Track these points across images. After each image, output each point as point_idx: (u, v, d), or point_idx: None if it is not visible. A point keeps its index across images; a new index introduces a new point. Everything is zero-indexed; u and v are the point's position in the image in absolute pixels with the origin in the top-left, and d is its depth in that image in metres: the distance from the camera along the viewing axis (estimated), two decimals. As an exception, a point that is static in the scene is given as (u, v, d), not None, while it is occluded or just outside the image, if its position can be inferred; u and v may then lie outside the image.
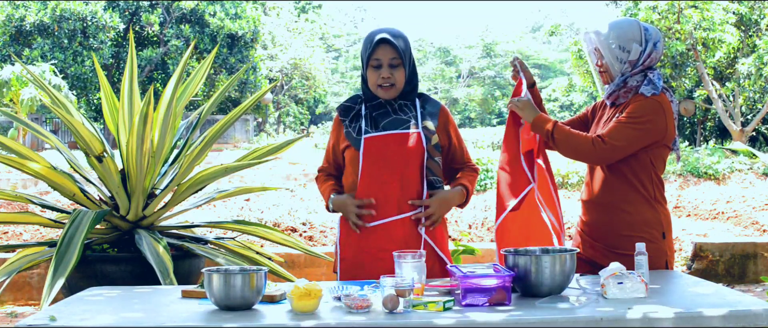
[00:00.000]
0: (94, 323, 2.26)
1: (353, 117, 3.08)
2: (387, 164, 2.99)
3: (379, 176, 2.99)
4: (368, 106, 3.08)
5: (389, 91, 3.03)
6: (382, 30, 3.04)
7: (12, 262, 4.34)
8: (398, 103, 3.08)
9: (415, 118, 3.06)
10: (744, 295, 2.56)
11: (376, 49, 2.99)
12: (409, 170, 3.00)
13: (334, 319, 2.28)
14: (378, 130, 3.02)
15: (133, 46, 4.89)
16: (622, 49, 3.10)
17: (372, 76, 3.02)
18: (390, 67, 3.00)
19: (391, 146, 3.00)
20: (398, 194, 3.00)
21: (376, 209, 2.99)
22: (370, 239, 3.00)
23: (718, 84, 18.50)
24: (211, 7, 23.60)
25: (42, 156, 4.63)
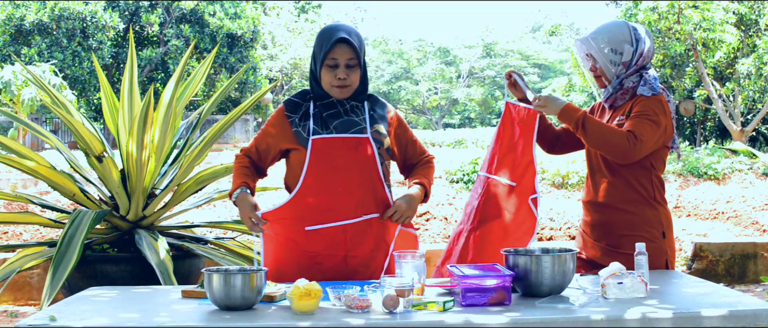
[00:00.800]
0: (94, 323, 2.26)
1: (302, 115, 2.97)
2: (334, 168, 2.89)
3: (326, 180, 2.89)
4: (318, 105, 2.97)
5: (344, 92, 2.95)
6: (339, 27, 2.94)
7: (12, 262, 4.34)
8: (349, 104, 2.99)
9: (365, 121, 2.97)
10: (744, 295, 2.56)
11: (333, 48, 2.89)
12: (358, 174, 2.91)
13: (334, 319, 2.28)
14: (328, 131, 2.92)
15: (133, 46, 4.89)
16: (615, 52, 3.11)
17: (327, 75, 2.93)
18: (347, 67, 2.92)
19: (340, 150, 2.91)
20: (345, 198, 2.90)
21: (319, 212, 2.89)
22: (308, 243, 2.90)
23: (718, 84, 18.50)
24: (211, 7, 23.60)
25: (42, 156, 4.64)
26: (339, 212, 2.91)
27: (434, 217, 8.28)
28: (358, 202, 2.93)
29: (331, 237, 2.91)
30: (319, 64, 2.93)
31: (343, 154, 2.90)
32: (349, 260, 2.93)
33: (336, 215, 2.91)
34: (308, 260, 2.91)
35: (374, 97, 3.07)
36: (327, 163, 2.89)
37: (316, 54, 2.96)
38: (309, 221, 2.91)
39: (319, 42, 2.95)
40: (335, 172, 2.90)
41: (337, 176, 2.90)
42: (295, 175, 2.96)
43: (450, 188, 9.53)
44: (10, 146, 4.57)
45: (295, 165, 2.97)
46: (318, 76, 2.96)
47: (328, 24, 3.01)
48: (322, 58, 2.91)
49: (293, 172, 2.98)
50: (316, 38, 2.98)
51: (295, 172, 2.96)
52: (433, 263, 5.92)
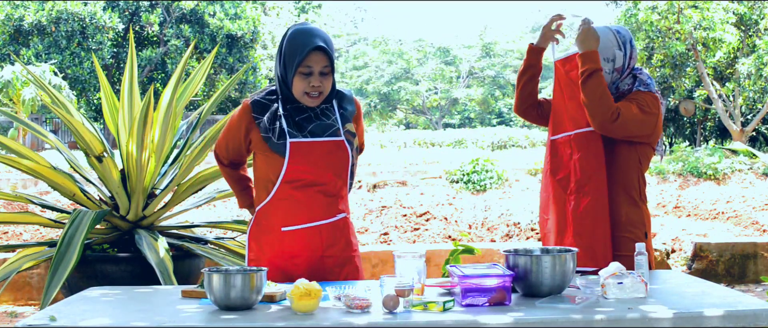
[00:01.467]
0: (94, 323, 2.26)
1: (270, 118, 2.87)
2: (311, 170, 2.86)
3: (303, 182, 2.86)
4: (287, 108, 2.89)
5: (316, 100, 2.86)
6: (313, 32, 2.84)
7: (12, 262, 4.34)
8: (319, 107, 2.91)
9: (337, 121, 2.92)
10: (744, 295, 2.56)
11: (309, 56, 2.80)
12: (333, 175, 2.90)
13: (334, 319, 2.28)
14: (304, 134, 2.85)
15: (133, 46, 4.89)
16: (607, 60, 3.12)
17: (300, 83, 2.82)
18: (320, 75, 2.83)
19: (317, 153, 2.87)
20: (321, 199, 2.89)
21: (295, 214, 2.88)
22: (283, 244, 2.89)
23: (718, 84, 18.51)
24: (211, 7, 23.59)
25: (42, 156, 4.64)
26: (316, 213, 2.89)
27: (434, 217, 8.28)
28: (331, 202, 2.92)
29: (307, 238, 2.90)
30: (291, 71, 2.83)
31: (320, 157, 2.87)
32: (326, 260, 2.92)
33: (313, 215, 2.89)
34: (286, 261, 2.90)
35: (341, 93, 3.00)
36: (304, 166, 2.85)
37: (287, 59, 2.84)
38: (286, 222, 2.89)
39: (292, 48, 2.82)
40: (312, 175, 2.87)
41: (313, 179, 2.87)
42: (264, 177, 2.92)
43: (450, 188, 9.53)
44: (10, 146, 4.57)
45: (264, 167, 2.91)
46: (288, 82, 2.85)
47: (298, 26, 2.88)
48: (296, 65, 2.81)
49: (262, 174, 2.93)
50: (285, 41, 2.85)
51: (265, 174, 2.91)
52: (433, 263, 5.92)
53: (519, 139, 21.81)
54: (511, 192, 9.34)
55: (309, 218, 2.88)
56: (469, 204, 8.71)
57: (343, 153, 2.90)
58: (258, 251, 2.94)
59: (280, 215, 2.88)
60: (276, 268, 2.89)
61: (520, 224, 7.97)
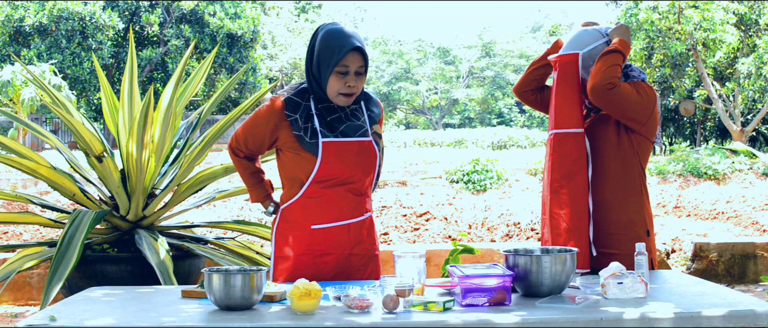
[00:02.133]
0: (94, 323, 2.26)
1: (303, 116, 2.90)
2: (341, 170, 2.90)
3: (332, 182, 2.90)
4: (319, 107, 2.92)
5: (349, 100, 2.90)
6: (349, 33, 2.88)
7: (12, 262, 4.34)
8: (349, 108, 2.95)
9: (366, 122, 2.97)
10: (744, 295, 2.57)
11: (346, 56, 2.83)
12: (362, 175, 2.95)
13: (334, 319, 2.28)
14: (335, 134, 2.89)
15: (133, 46, 4.89)
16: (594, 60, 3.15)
17: (336, 82, 2.86)
18: (356, 75, 2.87)
19: (349, 154, 2.90)
20: (349, 198, 2.94)
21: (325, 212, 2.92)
22: (313, 242, 2.93)
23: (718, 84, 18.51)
24: (211, 7, 23.59)
25: (42, 156, 4.64)
26: (345, 211, 2.94)
27: (434, 217, 8.28)
28: (359, 201, 2.97)
29: (337, 236, 2.94)
30: (328, 70, 2.85)
31: (351, 157, 2.91)
32: (353, 258, 2.97)
33: (342, 214, 2.94)
34: (315, 259, 2.93)
35: (367, 95, 3.06)
36: (336, 165, 2.89)
37: (322, 58, 2.87)
38: (316, 220, 2.93)
39: (329, 47, 2.85)
40: (343, 174, 2.91)
41: (344, 178, 2.91)
42: (293, 174, 2.95)
43: (450, 188, 9.53)
44: (10, 146, 4.57)
45: (293, 165, 2.94)
46: (322, 81, 2.88)
47: (332, 26, 2.90)
48: (333, 64, 2.84)
49: (291, 171, 2.96)
50: (320, 40, 2.88)
51: (294, 172, 2.94)
52: (433, 263, 5.92)
53: (519, 140, 21.81)
54: (511, 192, 9.34)
55: (338, 216, 2.93)
56: (469, 204, 8.71)
57: (371, 153, 2.95)
58: (286, 248, 2.97)
59: (310, 212, 2.92)
60: (304, 265, 2.93)
61: (520, 224, 7.97)
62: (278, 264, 2.99)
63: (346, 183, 2.92)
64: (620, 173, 3.14)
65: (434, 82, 41.99)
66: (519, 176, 10.01)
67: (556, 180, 3.16)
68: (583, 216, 3.11)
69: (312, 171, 2.88)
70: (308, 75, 2.94)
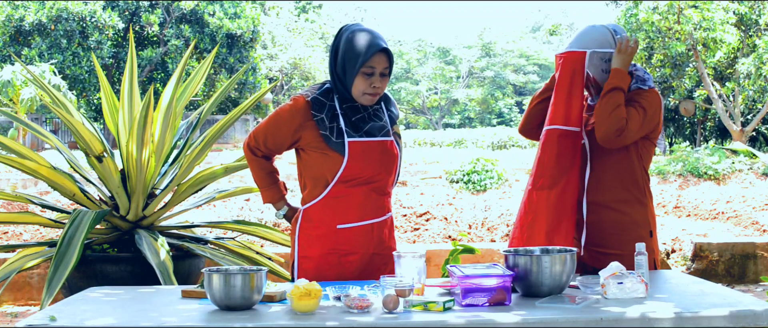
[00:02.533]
0: (94, 323, 2.26)
1: (329, 116, 2.92)
2: (365, 170, 2.93)
3: (357, 181, 2.93)
4: (343, 107, 2.95)
5: (373, 99, 2.95)
6: (376, 34, 2.92)
7: (12, 262, 4.34)
8: (372, 108, 3.00)
9: (387, 122, 3.01)
10: (744, 295, 2.56)
11: (373, 57, 2.87)
12: (385, 175, 2.98)
13: (334, 319, 2.28)
14: (360, 134, 2.93)
15: (133, 46, 4.89)
16: (602, 59, 3.11)
17: (362, 83, 2.89)
18: (381, 76, 2.91)
19: (373, 153, 2.94)
20: (373, 198, 2.97)
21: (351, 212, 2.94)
22: (338, 241, 2.95)
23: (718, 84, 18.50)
24: (211, 7, 23.59)
25: (42, 156, 4.63)
26: (369, 211, 2.97)
27: (434, 217, 8.28)
28: (382, 201, 3.01)
29: (362, 236, 2.96)
30: (353, 71, 2.88)
31: (375, 156, 2.94)
32: (376, 258, 3.00)
33: (366, 213, 2.96)
34: (340, 259, 2.95)
35: (386, 96, 3.10)
36: (361, 165, 2.92)
37: (348, 59, 2.89)
38: (341, 219, 2.95)
39: (356, 48, 2.88)
40: (367, 174, 2.93)
41: (368, 177, 2.94)
42: (317, 174, 2.96)
43: (450, 188, 9.53)
44: (10, 146, 4.57)
45: (318, 165, 2.95)
46: (347, 81, 2.91)
47: (357, 27, 2.94)
48: (359, 65, 2.86)
49: (315, 171, 2.96)
50: (345, 41, 2.91)
51: (318, 171, 2.95)
52: (433, 263, 5.92)
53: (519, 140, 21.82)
54: (511, 192, 9.34)
55: (362, 216, 2.96)
56: (469, 204, 8.71)
57: (393, 153, 3.00)
58: (309, 248, 2.97)
59: (335, 212, 2.94)
60: (330, 265, 2.94)
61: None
62: (302, 264, 2.99)
63: (370, 182, 2.95)
64: (623, 175, 3.12)
65: (434, 82, 42.00)
66: (519, 176, 10.01)
67: (546, 178, 3.10)
68: (569, 219, 3.08)
69: (338, 170, 2.90)
70: (332, 75, 2.97)
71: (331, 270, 2.94)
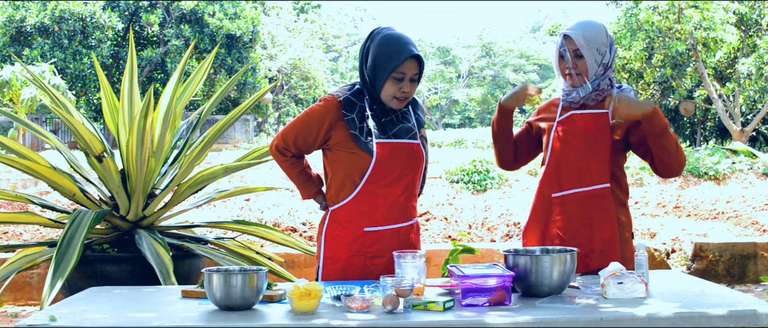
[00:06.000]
0: (94, 323, 2.26)
1: (359, 116, 2.95)
2: (393, 171, 2.95)
3: (384, 183, 2.94)
4: (374, 109, 2.97)
5: (402, 104, 2.97)
6: (407, 40, 2.93)
7: (12, 262, 4.34)
8: (400, 111, 3.03)
9: (415, 126, 3.04)
10: (744, 295, 2.56)
11: (404, 63, 2.89)
12: (411, 178, 3.00)
13: (334, 319, 2.28)
14: (388, 136, 2.95)
15: (133, 46, 4.89)
16: (599, 52, 3.11)
17: (392, 87, 2.91)
18: (411, 81, 2.93)
19: (401, 155, 2.96)
20: (401, 201, 2.98)
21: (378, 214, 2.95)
22: (365, 243, 2.95)
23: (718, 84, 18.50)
24: (211, 7, 23.59)
25: (42, 156, 4.63)
26: (396, 214, 2.98)
27: (434, 217, 8.28)
28: (409, 205, 3.02)
29: (388, 239, 2.97)
30: (384, 75, 2.90)
31: (402, 159, 2.96)
32: None
33: (393, 217, 2.97)
34: (365, 261, 2.96)
35: (414, 100, 3.11)
36: (389, 166, 2.93)
37: (379, 63, 2.91)
38: (368, 222, 2.95)
39: (387, 53, 2.90)
40: (394, 175, 2.95)
41: (394, 180, 2.95)
42: (346, 174, 2.96)
43: (450, 188, 9.53)
44: (10, 146, 4.57)
45: (346, 165, 2.96)
46: (377, 85, 2.93)
47: (389, 31, 2.96)
48: (390, 70, 2.88)
49: (344, 170, 2.97)
50: (376, 45, 2.93)
51: (347, 171, 2.96)
52: (433, 263, 5.92)
53: (519, 139, 21.78)
54: (511, 192, 9.34)
55: (389, 219, 2.97)
56: (469, 204, 8.71)
57: (420, 156, 3.02)
58: (335, 250, 2.98)
59: (362, 214, 2.95)
60: (355, 267, 2.95)
61: (520, 224, 7.96)
62: (328, 265, 2.99)
63: (397, 184, 2.96)
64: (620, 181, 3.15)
65: (434, 82, 41.99)
66: (519, 175, 10.01)
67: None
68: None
69: (366, 171, 2.92)
70: (362, 77, 2.99)
71: (356, 272, 2.94)
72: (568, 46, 3.12)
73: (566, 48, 3.13)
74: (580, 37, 3.09)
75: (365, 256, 2.96)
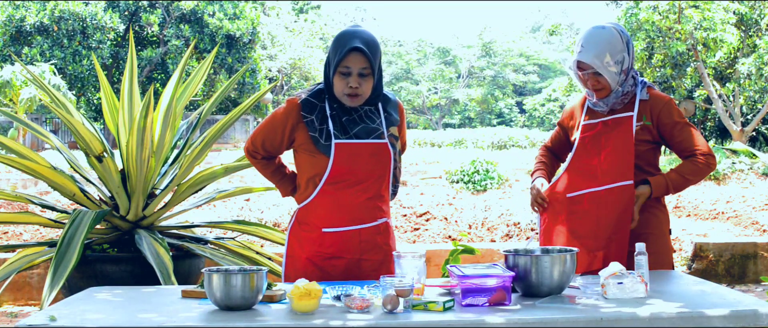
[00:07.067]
0: (94, 323, 2.26)
1: (319, 118, 2.90)
2: (354, 172, 2.89)
3: (346, 184, 2.89)
4: (334, 107, 2.92)
5: (355, 100, 2.88)
6: (355, 34, 2.86)
7: (12, 262, 4.34)
8: (364, 110, 2.94)
9: (381, 125, 2.95)
10: (744, 295, 2.56)
11: (347, 57, 2.82)
12: (375, 179, 2.93)
13: (334, 319, 2.28)
14: (349, 137, 2.89)
15: (133, 46, 4.89)
16: (617, 62, 3.10)
17: (339, 83, 2.86)
18: (359, 76, 2.84)
19: (363, 156, 2.90)
20: (365, 202, 2.92)
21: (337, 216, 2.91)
22: (323, 245, 2.92)
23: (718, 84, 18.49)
24: (211, 7, 23.58)
25: (42, 156, 4.63)
26: (357, 216, 2.93)
27: (434, 217, 8.28)
28: (374, 206, 2.96)
29: (347, 240, 2.93)
30: (332, 71, 2.87)
31: (364, 160, 2.90)
32: (364, 263, 2.96)
33: (354, 218, 2.93)
34: (324, 262, 2.93)
35: (386, 97, 3.04)
36: (348, 168, 2.89)
37: (328, 60, 2.89)
38: (327, 222, 2.92)
39: (334, 48, 2.87)
40: (356, 177, 2.90)
41: (357, 181, 2.90)
42: (308, 175, 2.95)
43: (450, 188, 9.53)
44: (10, 146, 4.57)
45: (308, 167, 2.94)
46: (330, 81, 2.90)
47: (347, 28, 2.91)
48: (335, 65, 2.84)
49: (306, 171, 2.96)
50: (331, 42, 2.90)
51: (309, 172, 2.95)
52: (433, 263, 5.92)
53: (519, 139, 21.81)
54: (511, 192, 9.34)
55: (350, 220, 2.92)
56: (469, 204, 8.70)
57: (386, 156, 2.94)
58: (298, 249, 2.98)
59: (322, 214, 2.92)
60: (313, 267, 2.93)
61: (520, 224, 7.96)
62: (289, 264, 3.00)
63: (360, 185, 2.90)
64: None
65: (434, 82, 41.98)
66: (519, 176, 10.01)
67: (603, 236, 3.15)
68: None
69: (325, 172, 2.88)
70: (324, 75, 2.96)
71: (315, 273, 2.91)
72: (584, 68, 3.11)
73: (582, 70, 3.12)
74: (594, 58, 3.06)
75: (323, 257, 2.92)
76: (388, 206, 3.03)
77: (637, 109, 3.13)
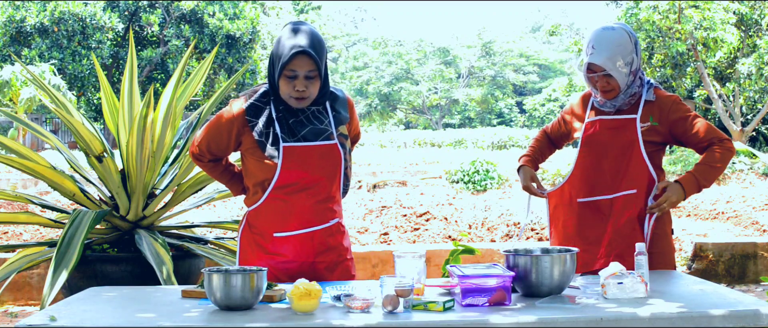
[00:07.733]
0: (94, 323, 2.26)
1: (265, 122, 2.82)
2: (303, 176, 2.82)
3: (295, 188, 2.83)
4: (280, 110, 2.83)
5: (302, 103, 2.79)
6: (300, 34, 2.77)
7: (12, 262, 4.34)
8: (311, 110, 2.86)
9: (330, 125, 2.87)
10: (744, 295, 2.56)
11: (292, 60, 2.72)
12: (325, 181, 2.86)
13: (334, 319, 2.28)
14: (297, 139, 2.81)
15: (133, 46, 4.89)
16: (627, 63, 3.09)
17: (285, 86, 2.76)
18: (306, 78, 2.75)
19: (312, 158, 2.82)
20: (315, 205, 2.86)
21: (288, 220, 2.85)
22: (275, 249, 2.87)
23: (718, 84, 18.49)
24: (211, 7, 23.59)
25: (42, 156, 4.63)
26: (308, 218, 2.87)
27: (434, 217, 8.28)
28: (325, 208, 2.90)
29: (299, 244, 2.88)
30: (276, 74, 2.77)
31: (313, 162, 2.83)
32: (317, 265, 2.91)
33: (305, 221, 2.87)
34: (277, 265, 2.88)
35: (334, 95, 2.93)
36: (297, 172, 2.82)
37: (273, 62, 2.80)
38: (278, 227, 2.86)
39: (278, 50, 2.76)
40: (305, 180, 2.83)
41: (306, 184, 2.84)
42: (257, 181, 2.88)
43: (450, 188, 9.53)
44: (10, 146, 4.57)
45: (256, 172, 2.87)
46: (275, 84, 2.81)
47: (290, 26, 2.82)
48: (280, 68, 2.75)
49: (254, 176, 2.89)
50: (275, 42, 2.80)
51: (257, 177, 2.88)
52: (433, 263, 5.92)
53: (519, 139, 21.82)
54: (511, 192, 9.34)
55: (301, 224, 2.86)
56: (469, 204, 8.71)
57: (335, 157, 2.86)
58: (250, 253, 2.93)
59: (272, 219, 2.86)
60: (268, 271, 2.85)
61: (520, 224, 7.97)
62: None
63: (308, 189, 2.84)
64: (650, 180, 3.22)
65: (434, 82, 41.98)
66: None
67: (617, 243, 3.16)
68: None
69: (273, 176, 2.81)
70: (268, 75, 2.87)
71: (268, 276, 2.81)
72: (596, 70, 3.09)
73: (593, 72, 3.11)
74: (607, 60, 3.05)
75: (276, 261, 2.87)
76: (340, 206, 2.97)
77: (642, 110, 3.13)
